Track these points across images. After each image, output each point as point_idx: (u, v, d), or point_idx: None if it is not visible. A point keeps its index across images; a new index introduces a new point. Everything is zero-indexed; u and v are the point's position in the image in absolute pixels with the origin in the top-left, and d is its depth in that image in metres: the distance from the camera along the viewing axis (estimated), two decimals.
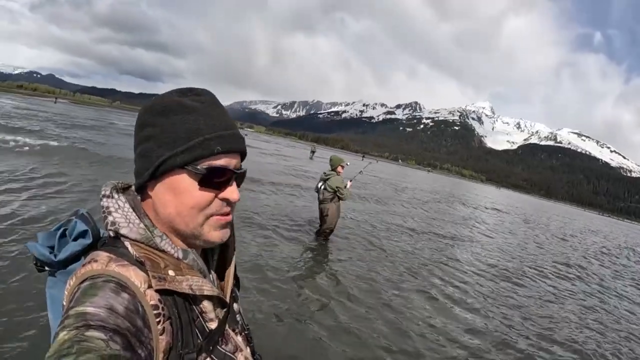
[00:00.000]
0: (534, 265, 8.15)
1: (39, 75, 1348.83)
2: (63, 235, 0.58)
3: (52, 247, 0.57)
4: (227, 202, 0.60)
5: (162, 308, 0.52)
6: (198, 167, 0.55)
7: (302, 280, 4.31)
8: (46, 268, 0.58)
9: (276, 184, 11.55)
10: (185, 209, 0.57)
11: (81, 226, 0.57)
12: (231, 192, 0.59)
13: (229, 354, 0.62)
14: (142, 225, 0.57)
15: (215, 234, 0.60)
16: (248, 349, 0.71)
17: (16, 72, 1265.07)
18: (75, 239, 0.57)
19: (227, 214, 0.61)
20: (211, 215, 0.59)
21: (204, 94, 0.59)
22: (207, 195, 0.57)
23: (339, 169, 5.80)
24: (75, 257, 0.56)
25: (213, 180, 0.57)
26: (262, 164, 17.66)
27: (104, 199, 0.58)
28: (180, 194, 0.56)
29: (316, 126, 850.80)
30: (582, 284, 7.56)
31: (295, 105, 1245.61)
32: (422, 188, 25.81)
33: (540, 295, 5.93)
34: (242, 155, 0.63)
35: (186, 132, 0.55)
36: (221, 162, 0.57)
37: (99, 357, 0.39)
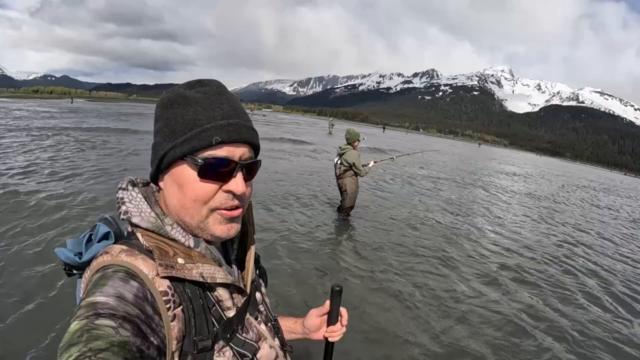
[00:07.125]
0: None
1: (53, 78, 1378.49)
2: (90, 240, 0.60)
3: (80, 254, 0.59)
4: (233, 194, 0.58)
5: (172, 295, 0.53)
6: (196, 157, 0.55)
7: (323, 262, 4.00)
8: (74, 272, 0.60)
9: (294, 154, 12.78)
10: (189, 201, 0.57)
11: (104, 229, 0.60)
12: (235, 183, 0.57)
13: (251, 341, 0.62)
14: (152, 214, 0.58)
15: (219, 228, 0.59)
16: (276, 340, 0.71)
17: (31, 77, 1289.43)
18: (99, 241, 0.59)
19: (235, 209, 0.59)
20: (216, 209, 0.58)
21: (209, 84, 0.59)
22: (209, 187, 0.56)
23: (356, 143, 5.43)
24: None
25: (214, 171, 0.56)
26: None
27: (120, 191, 0.60)
28: (182, 186, 0.57)
29: (334, 101, 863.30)
30: None
31: (312, 82, 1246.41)
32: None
33: None
34: (252, 146, 0.61)
35: (185, 124, 0.55)
36: (222, 152, 0.56)
37: (108, 343, 0.40)
